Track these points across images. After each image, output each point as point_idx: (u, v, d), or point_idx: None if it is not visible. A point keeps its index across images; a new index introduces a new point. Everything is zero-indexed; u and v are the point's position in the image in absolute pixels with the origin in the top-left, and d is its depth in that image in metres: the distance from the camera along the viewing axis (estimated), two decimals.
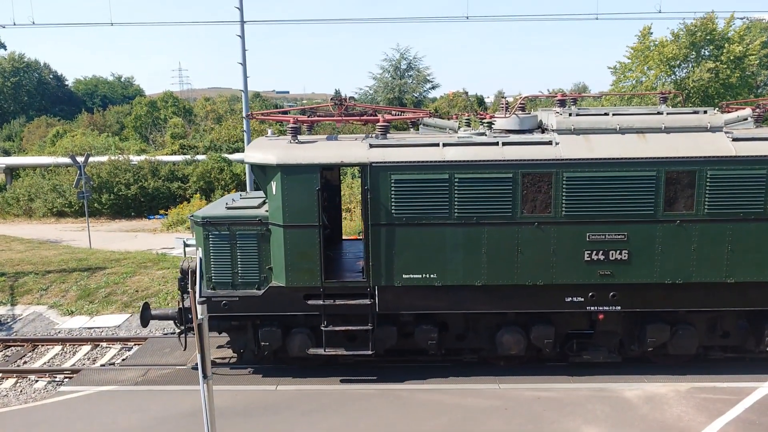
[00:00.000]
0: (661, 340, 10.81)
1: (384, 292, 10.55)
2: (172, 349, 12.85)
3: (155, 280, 17.25)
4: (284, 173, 10.32)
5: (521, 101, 11.57)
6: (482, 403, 10.16)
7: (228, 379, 11.26)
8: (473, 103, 50.91)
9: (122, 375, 11.77)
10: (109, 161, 33.22)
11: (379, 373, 11.23)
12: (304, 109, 14.41)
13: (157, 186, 32.68)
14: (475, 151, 10.28)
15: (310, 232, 10.42)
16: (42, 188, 33.07)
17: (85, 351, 13.60)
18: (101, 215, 32.04)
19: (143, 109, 56.16)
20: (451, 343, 11.30)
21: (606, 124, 10.50)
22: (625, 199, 10.13)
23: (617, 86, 34.12)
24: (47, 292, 16.94)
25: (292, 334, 11.00)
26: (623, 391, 10.46)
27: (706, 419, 9.48)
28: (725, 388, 10.49)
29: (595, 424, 9.42)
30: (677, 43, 31.03)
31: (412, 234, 10.33)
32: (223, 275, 10.86)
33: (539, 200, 10.22)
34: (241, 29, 21.23)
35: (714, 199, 10.09)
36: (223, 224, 10.80)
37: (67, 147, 39.14)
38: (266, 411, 10.07)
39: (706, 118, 10.51)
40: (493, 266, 10.38)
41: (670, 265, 10.30)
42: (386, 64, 51.94)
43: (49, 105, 70.13)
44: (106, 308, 15.93)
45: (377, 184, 10.25)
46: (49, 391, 11.72)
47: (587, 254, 10.31)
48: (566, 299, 10.53)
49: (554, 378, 10.93)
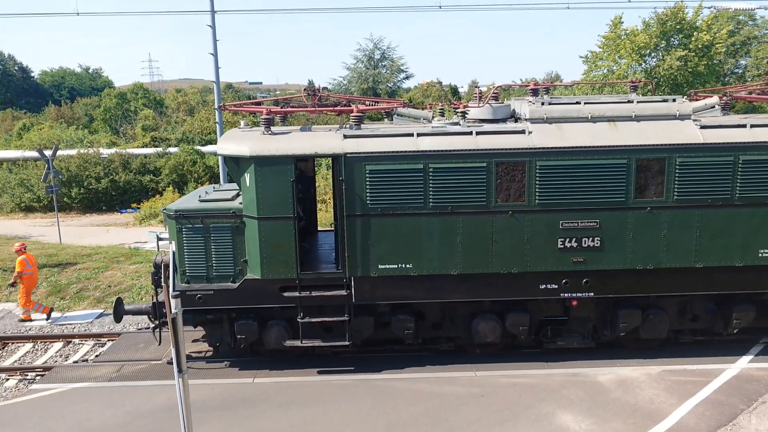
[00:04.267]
0: (632, 325, 11.01)
1: (360, 282, 10.55)
2: (146, 344, 12.70)
3: (128, 275, 17.01)
4: (258, 165, 10.23)
5: (494, 91, 11.62)
6: (459, 390, 10.25)
7: (204, 373, 11.18)
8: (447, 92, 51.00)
9: (96, 371, 11.61)
10: (79, 155, 32.54)
11: (356, 364, 11.26)
12: (278, 100, 14.28)
13: (128, 179, 32.13)
14: (449, 141, 10.31)
15: (284, 224, 10.36)
16: (9, 183, 32.28)
17: (56, 348, 13.37)
18: (71, 210, 31.41)
19: (113, 101, 55.11)
20: (427, 332, 11.37)
21: (578, 113, 10.61)
22: (597, 187, 10.26)
23: (589, 75, 34.48)
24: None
25: (269, 326, 10.95)
26: (597, 375, 10.64)
27: (677, 401, 9.71)
28: (695, 370, 10.74)
29: (569, 408, 9.59)
30: (648, 32, 31.43)
31: (388, 224, 10.34)
32: (197, 269, 10.75)
33: (513, 189, 10.30)
34: (211, 19, 20.92)
35: (683, 186, 10.27)
36: (197, 217, 10.68)
37: (35, 140, 38.24)
38: (243, 404, 10.03)
39: (675, 107, 10.68)
40: (469, 255, 10.44)
41: (641, 252, 10.48)
42: (360, 54, 51.66)
43: (14, 97, 68.47)
44: (78, 304, 15.67)
45: (352, 174, 10.22)
46: (20, 390, 11.51)
47: (561, 242, 10.44)
48: (540, 286, 10.65)
49: (529, 365, 11.07)
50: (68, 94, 75.15)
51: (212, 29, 20.92)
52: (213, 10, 20.90)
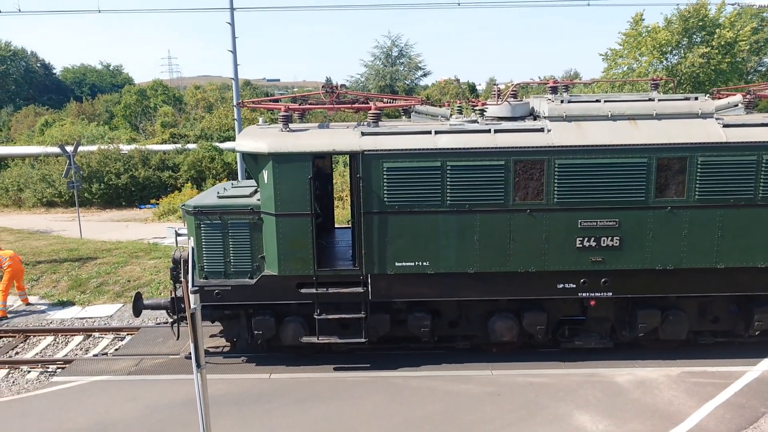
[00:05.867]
0: (652, 326, 10.89)
1: (377, 280, 10.56)
2: (165, 338, 12.83)
3: (147, 270, 17.20)
4: (276, 162, 10.27)
5: (513, 88, 11.55)
6: (475, 389, 10.22)
7: (221, 368, 11.26)
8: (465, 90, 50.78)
9: (115, 365, 11.75)
10: (99, 150, 32.94)
11: (372, 361, 11.27)
12: (296, 97, 14.31)
13: (147, 175, 32.47)
14: (467, 139, 10.27)
15: (302, 221, 10.39)
16: (31, 178, 32.79)
17: (77, 341, 13.56)
18: (92, 205, 31.82)
19: (132, 97, 55.61)
20: (443, 330, 11.35)
21: (597, 111, 10.51)
22: (616, 186, 10.16)
23: (609, 73, 34.11)
24: (38, 282, 16.86)
25: (285, 322, 11.00)
26: (615, 376, 10.55)
27: (697, 403, 9.59)
28: (715, 372, 10.60)
29: (587, 409, 9.51)
30: (670, 29, 31.02)
31: (405, 222, 10.33)
32: (215, 264, 10.82)
33: (531, 187, 10.23)
34: (231, 16, 21.03)
35: (705, 186, 10.13)
36: (215, 213, 10.75)
37: (56, 136, 38.77)
38: (260, 399, 10.09)
39: (697, 105, 10.53)
40: (486, 253, 10.40)
41: (660, 251, 10.35)
42: (378, 51, 51.56)
43: (36, 94, 69.40)
44: (98, 298, 15.87)
45: (369, 172, 10.22)
46: (41, 382, 11.69)
47: (579, 241, 10.35)
48: (558, 286, 10.57)
49: (546, 364, 11.00)
50: (89, 90, 76.05)
51: (231, 26, 21.03)
52: (232, 7, 21.01)
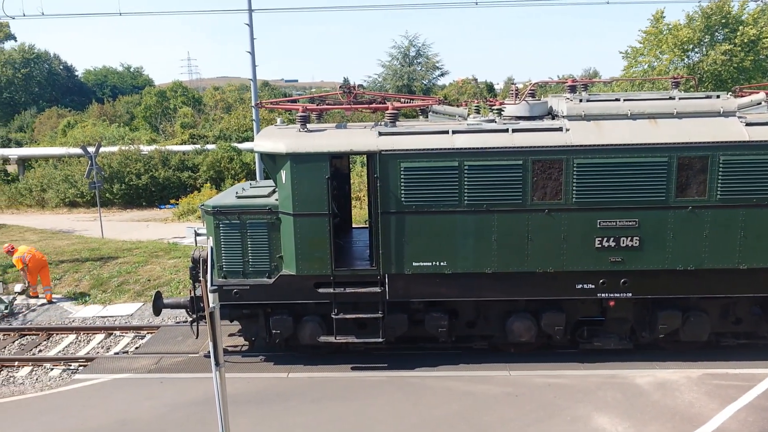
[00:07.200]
0: (672, 327, 10.76)
1: (394, 280, 10.56)
2: (184, 337, 12.96)
3: (167, 269, 17.38)
4: (294, 162, 10.32)
5: (531, 87, 11.49)
6: (493, 390, 10.18)
7: (240, 367, 11.35)
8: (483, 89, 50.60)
9: (135, 363, 11.90)
10: (120, 151, 33.36)
11: (389, 361, 11.28)
12: (313, 97, 14.39)
13: (167, 176, 32.81)
14: (485, 138, 10.23)
15: (319, 221, 10.43)
16: (54, 179, 33.30)
17: (98, 339, 13.75)
18: (113, 205, 32.24)
19: (153, 99, 56.20)
20: (461, 331, 11.32)
21: (617, 110, 10.41)
22: (636, 186, 10.05)
23: (629, 71, 33.73)
24: (61, 281, 17.12)
25: (303, 322, 11.05)
26: (634, 377, 10.44)
27: (718, 405, 9.45)
28: (737, 374, 10.44)
29: (606, 410, 9.43)
30: (691, 26, 30.60)
31: (422, 222, 10.32)
32: (233, 264, 10.91)
33: (550, 187, 10.17)
34: (249, 17, 21.16)
35: (727, 185, 9.99)
36: (234, 213, 10.83)
37: (78, 137, 39.33)
38: (278, 398, 10.15)
39: (719, 103, 10.39)
40: (504, 253, 10.35)
41: (681, 252, 10.23)
42: (395, 51, 51.50)
43: (59, 96, 70.36)
44: (119, 297, 16.08)
45: (386, 172, 10.22)
46: (64, 379, 11.87)
47: (598, 241, 10.26)
48: (577, 286, 10.49)
49: (565, 365, 10.92)
50: (110, 92, 76.94)
51: (250, 27, 21.17)
52: (250, 8, 21.14)
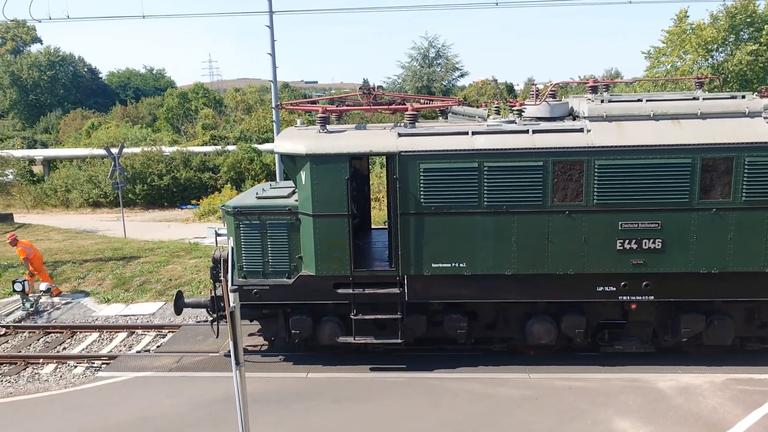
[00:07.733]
0: (695, 331, 10.61)
1: (413, 281, 10.56)
2: (205, 336, 13.08)
3: (188, 269, 17.56)
4: (313, 163, 10.37)
5: (552, 88, 11.41)
6: (512, 392, 10.13)
7: (260, 366, 11.42)
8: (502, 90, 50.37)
9: (157, 361, 12.03)
10: (143, 152, 33.82)
11: (408, 362, 11.27)
12: (333, 98, 14.43)
13: (188, 176, 33.19)
14: (505, 140, 10.18)
15: (339, 222, 10.46)
16: (78, 179, 33.88)
17: (121, 338, 13.93)
18: (135, 205, 32.69)
19: (174, 100, 56.91)
20: (480, 332, 11.27)
21: (639, 111, 10.29)
22: (658, 187, 9.93)
23: (651, 72, 33.31)
24: (84, 280, 17.38)
25: (322, 322, 11.09)
26: (656, 381, 10.31)
27: (743, 411, 9.29)
28: (763, 379, 10.26)
29: (627, 415, 9.32)
30: (716, 25, 30.14)
31: (441, 223, 10.30)
32: (254, 264, 10.99)
33: (570, 188, 10.09)
34: (270, 19, 21.31)
35: (752, 187, 9.82)
36: (254, 214, 10.91)
37: (102, 139, 39.96)
38: (297, 398, 10.20)
39: (744, 103, 10.23)
40: (524, 255, 10.29)
41: (705, 254, 10.08)
42: (414, 52, 51.56)
43: (84, 97, 71.53)
44: (141, 296, 16.28)
45: (406, 173, 10.23)
46: (87, 377, 12.05)
47: (619, 243, 10.16)
48: (598, 288, 10.39)
49: (585, 368, 10.82)
50: (133, 94, 77.97)
51: (270, 29, 21.31)
52: (271, 10, 21.29)
